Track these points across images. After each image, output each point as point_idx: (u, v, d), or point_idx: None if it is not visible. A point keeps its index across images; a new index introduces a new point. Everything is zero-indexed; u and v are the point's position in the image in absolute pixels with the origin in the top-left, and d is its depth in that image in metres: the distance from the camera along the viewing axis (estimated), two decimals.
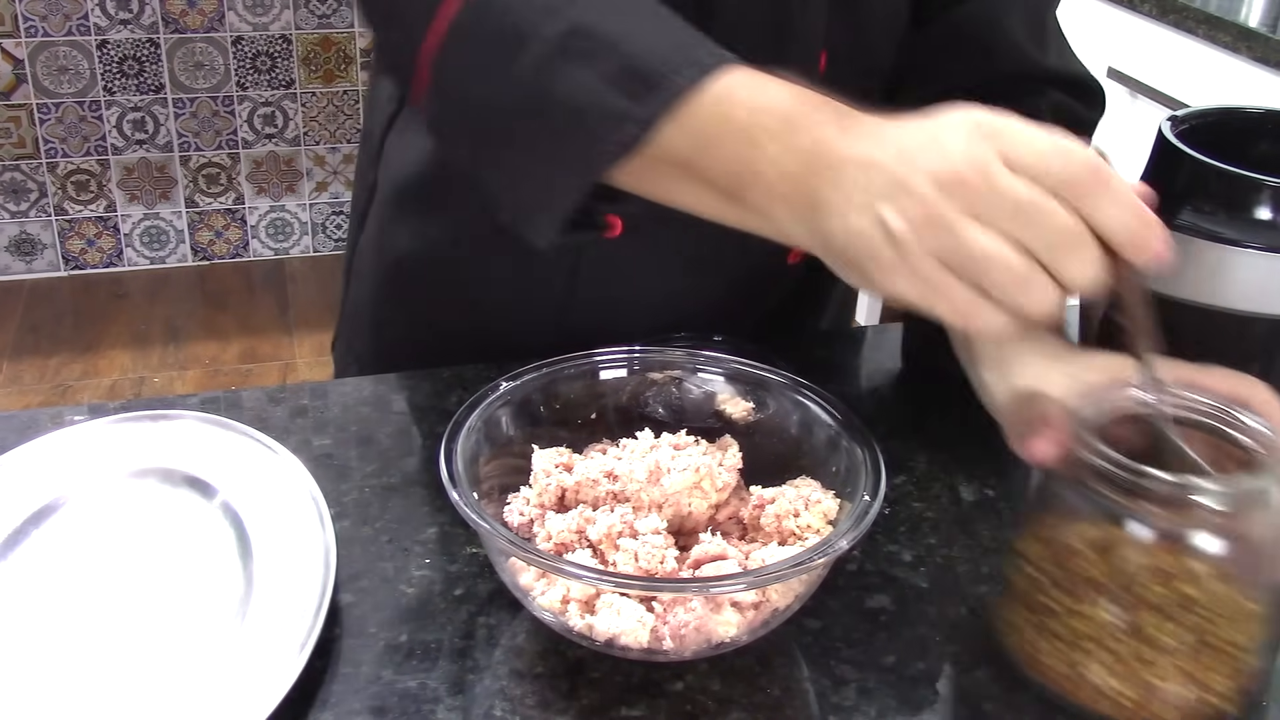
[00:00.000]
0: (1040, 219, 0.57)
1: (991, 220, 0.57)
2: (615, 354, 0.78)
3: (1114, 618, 0.62)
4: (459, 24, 0.70)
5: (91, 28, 3.12)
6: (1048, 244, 0.57)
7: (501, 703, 0.64)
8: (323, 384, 0.94)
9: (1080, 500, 0.63)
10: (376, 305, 1.05)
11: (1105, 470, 0.60)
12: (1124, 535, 0.61)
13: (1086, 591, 0.62)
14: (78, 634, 0.66)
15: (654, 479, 0.70)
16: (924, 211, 0.58)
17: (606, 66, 0.66)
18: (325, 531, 0.71)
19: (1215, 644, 0.61)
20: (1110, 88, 2.18)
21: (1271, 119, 0.83)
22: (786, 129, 0.63)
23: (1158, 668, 0.62)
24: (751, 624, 0.65)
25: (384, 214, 1.03)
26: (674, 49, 0.67)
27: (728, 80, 0.65)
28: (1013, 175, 0.57)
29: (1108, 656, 0.62)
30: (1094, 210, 0.57)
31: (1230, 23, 1.95)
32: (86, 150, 3.24)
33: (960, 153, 0.58)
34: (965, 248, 0.57)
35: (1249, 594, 0.62)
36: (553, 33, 0.67)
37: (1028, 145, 0.58)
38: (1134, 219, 0.58)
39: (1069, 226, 0.57)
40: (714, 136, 0.65)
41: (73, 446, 0.79)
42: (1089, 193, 0.57)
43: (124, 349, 3.04)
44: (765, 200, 0.64)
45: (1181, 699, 0.62)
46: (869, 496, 0.67)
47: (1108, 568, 0.62)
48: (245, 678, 0.62)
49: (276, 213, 3.44)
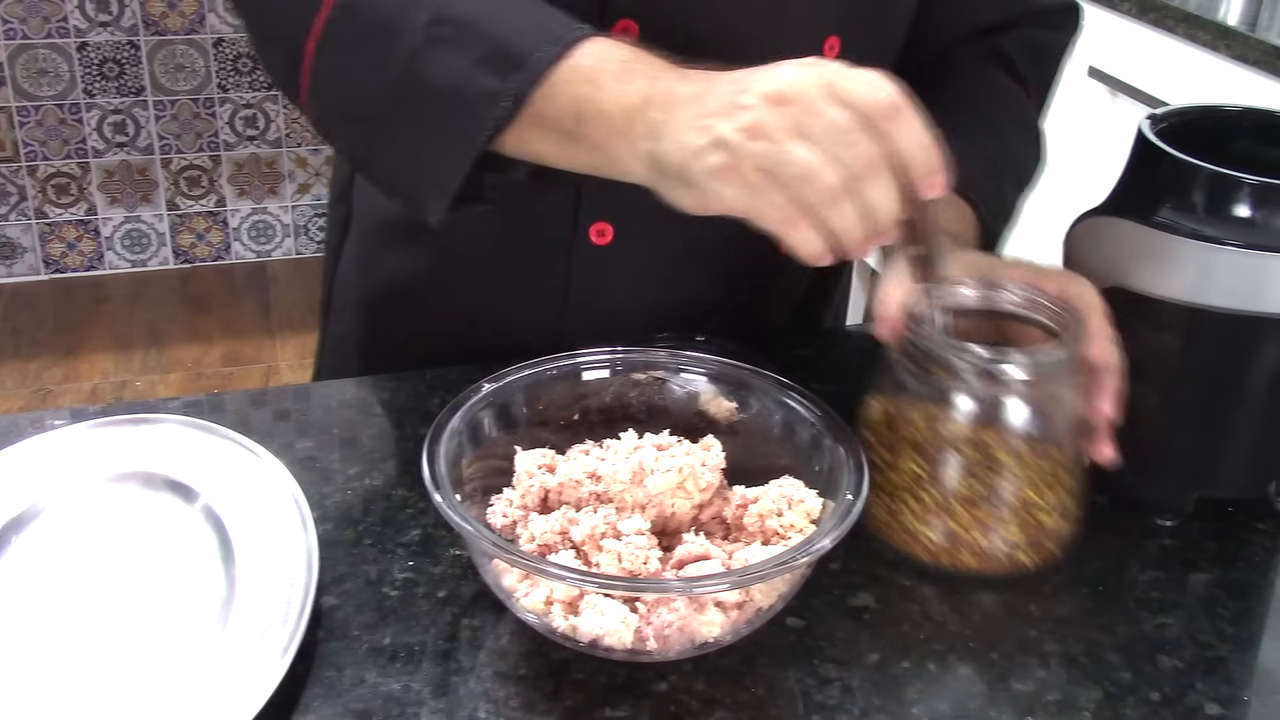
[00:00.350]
0: (850, 142, 0.63)
1: (812, 138, 0.63)
2: (598, 355, 0.78)
3: (921, 470, 0.73)
4: (330, 26, 0.76)
5: (71, 30, 3.11)
6: (853, 168, 0.63)
7: (485, 705, 0.64)
8: (305, 386, 0.94)
9: (908, 374, 0.74)
10: (363, 337, 1.05)
11: (926, 348, 0.72)
12: (941, 402, 0.72)
13: (905, 449, 0.74)
14: (60, 639, 0.66)
15: (637, 480, 0.69)
16: (752, 122, 0.64)
17: (474, 50, 0.72)
18: (307, 534, 0.71)
19: (1011, 500, 0.73)
20: (1090, 87, 2.19)
21: (1250, 117, 0.84)
22: (626, 71, 0.70)
23: (959, 516, 0.73)
24: (735, 624, 0.65)
25: (363, 245, 1.03)
26: (534, 27, 0.73)
27: (584, 48, 0.71)
28: (831, 102, 0.63)
29: (917, 505, 0.74)
30: (895, 138, 0.63)
31: (1209, 21, 1.96)
32: (67, 153, 3.22)
33: (789, 77, 0.64)
34: (787, 157, 0.63)
35: (1047, 456, 0.73)
36: (419, 22, 0.73)
37: (845, 78, 0.64)
38: (924, 148, 0.64)
39: (872, 153, 0.63)
40: (567, 93, 0.71)
41: (53, 451, 0.78)
42: (891, 122, 0.63)
43: (105, 352, 3.03)
44: (605, 136, 0.70)
45: (978, 546, 0.73)
46: (851, 495, 0.67)
47: (928, 431, 0.73)
48: (228, 682, 0.62)
49: (258, 215, 3.43)
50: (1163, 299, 0.76)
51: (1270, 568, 0.78)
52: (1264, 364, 0.76)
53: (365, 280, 1.03)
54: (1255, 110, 0.84)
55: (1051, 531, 0.75)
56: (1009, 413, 0.72)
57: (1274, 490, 0.80)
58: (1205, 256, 0.74)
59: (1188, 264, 0.74)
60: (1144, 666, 0.69)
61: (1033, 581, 0.75)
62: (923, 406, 0.74)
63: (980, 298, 0.77)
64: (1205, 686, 0.68)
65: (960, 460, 0.73)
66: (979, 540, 0.73)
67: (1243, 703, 0.67)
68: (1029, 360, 0.71)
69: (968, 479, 0.73)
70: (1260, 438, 0.78)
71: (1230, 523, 0.81)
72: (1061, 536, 0.76)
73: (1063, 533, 0.75)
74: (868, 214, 0.64)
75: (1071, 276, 0.77)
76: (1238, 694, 0.68)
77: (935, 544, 0.74)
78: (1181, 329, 0.76)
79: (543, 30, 0.72)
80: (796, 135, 0.63)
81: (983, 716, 0.65)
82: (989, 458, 0.72)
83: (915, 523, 0.74)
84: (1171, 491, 0.81)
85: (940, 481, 0.73)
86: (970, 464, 0.72)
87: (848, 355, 1.03)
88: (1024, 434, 0.72)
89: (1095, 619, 0.72)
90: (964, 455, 0.72)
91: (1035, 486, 0.73)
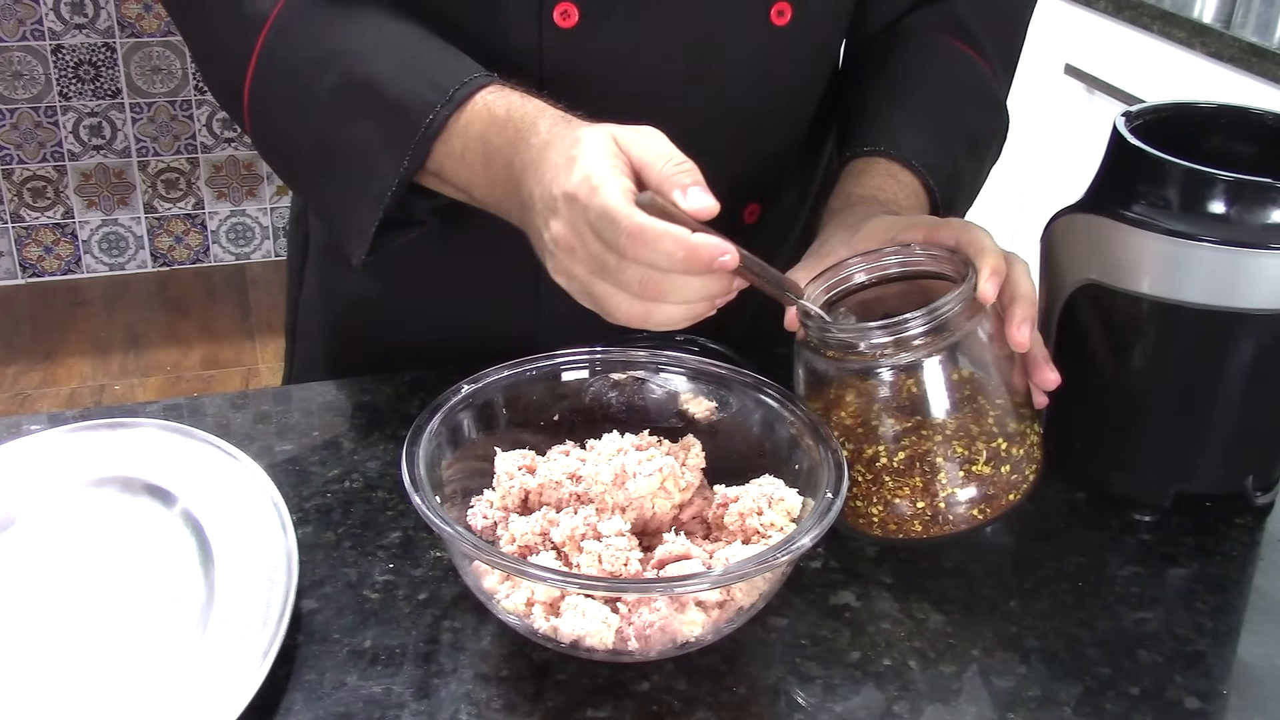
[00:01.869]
0: (625, 279, 0.66)
1: (601, 276, 0.67)
2: (577, 355, 0.78)
3: (852, 449, 0.73)
4: (257, 76, 0.82)
5: (46, 32, 3.09)
6: (643, 295, 0.67)
7: (467, 707, 0.64)
8: (284, 389, 0.94)
9: (823, 364, 0.75)
10: (332, 360, 1.04)
11: (823, 337, 0.73)
12: (856, 381, 0.74)
13: (840, 434, 0.73)
14: (39, 644, 0.65)
15: (619, 482, 0.69)
16: (563, 231, 0.68)
17: (376, 114, 0.79)
18: (287, 538, 0.71)
19: (940, 460, 0.73)
20: (1066, 84, 2.20)
21: (1225, 114, 0.84)
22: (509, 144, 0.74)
23: (894, 487, 0.73)
24: (716, 623, 0.65)
25: (323, 267, 1.02)
26: (430, 86, 0.78)
27: (474, 103, 0.77)
28: (596, 240, 0.66)
29: (858, 486, 0.74)
30: (652, 264, 0.65)
31: (1184, 19, 1.97)
32: (43, 156, 3.20)
33: (562, 219, 0.68)
34: (591, 292, 0.68)
35: (971, 408, 0.73)
36: (326, 83, 0.80)
37: (595, 220, 0.66)
38: (682, 258, 0.65)
39: (648, 278, 0.66)
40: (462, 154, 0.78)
41: (31, 457, 0.78)
42: (637, 254, 0.65)
43: (83, 356, 3.01)
44: (500, 196, 0.76)
45: (923, 513, 0.73)
46: (831, 494, 0.67)
47: (854, 411, 0.74)
48: (207, 687, 0.62)
49: (237, 217, 3.42)
50: (1138, 295, 0.76)
51: (1248, 562, 0.79)
52: (1239, 359, 0.76)
53: (328, 302, 1.03)
54: (1229, 107, 0.84)
55: (996, 481, 0.73)
56: (920, 373, 0.72)
57: (1251, 485, 0.80)
58: (1180, 252, 0.74)
59: (1163, 260, 0.75)
60: (1123, 661, 0.69)
61: (1012, 577, 0.75)
62: (843, 390, 0.75)
63: (893, 263, 0.77)
64: (1184, 681, 0.68)
65: (884, 432, 0.73)
66: (920, 507, 0.73)
67: (1221, 696, 0.67)
68: (921, 317, 0.71)
69: (892, 450, 0.73)
70: (1237, 432, 0.79)
71: (1208, 518, 0.82)
72: (1009, 483, 0.74)
73: (1010, 480, 0.74)
74: (691, 305, 0.68)
75: (965, 224, 0.78)
76: (1216, 688, 0.68)
77: (883, 519, 0.74)
78: (1157, 325, 0.77)
79: (436, 88, 0.78)
80: (590, 272, 0.68)
81: (964, 713, 0.65)
82: (911, 424, 0.73)
83: (858, 502, 0.75)
84: (1149, 487, 0.81)
85: (865, 458, 0.74)
86: (895, 434, 0.73)
87: None
88: (940, 390, 0.73)
89: (1075, 614, 0.73)
90: (887, 427, 0.73)
91: (965, 441, 0.73)
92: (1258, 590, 0.77)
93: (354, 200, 0.81)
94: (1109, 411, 0.76)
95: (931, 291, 0.75)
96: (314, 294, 1.04)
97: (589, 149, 0.68)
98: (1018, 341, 0.74)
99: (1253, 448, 0.80)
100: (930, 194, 0.90)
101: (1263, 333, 0.75)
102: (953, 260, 0.75)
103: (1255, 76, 1.84)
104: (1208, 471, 0.81)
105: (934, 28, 0.98)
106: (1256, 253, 0.73)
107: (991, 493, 0.73)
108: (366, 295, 0.98)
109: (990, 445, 0.73)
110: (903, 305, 0.73)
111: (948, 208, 0.91)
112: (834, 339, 0.73)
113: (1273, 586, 0.77)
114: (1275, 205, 0.73)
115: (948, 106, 0.95)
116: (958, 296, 0.71)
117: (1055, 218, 0.82)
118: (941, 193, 0.90)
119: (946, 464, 0.73)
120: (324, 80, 0.80)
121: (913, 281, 0.78)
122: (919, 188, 0.89)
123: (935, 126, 0.92)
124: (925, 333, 0.71)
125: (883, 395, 0.73)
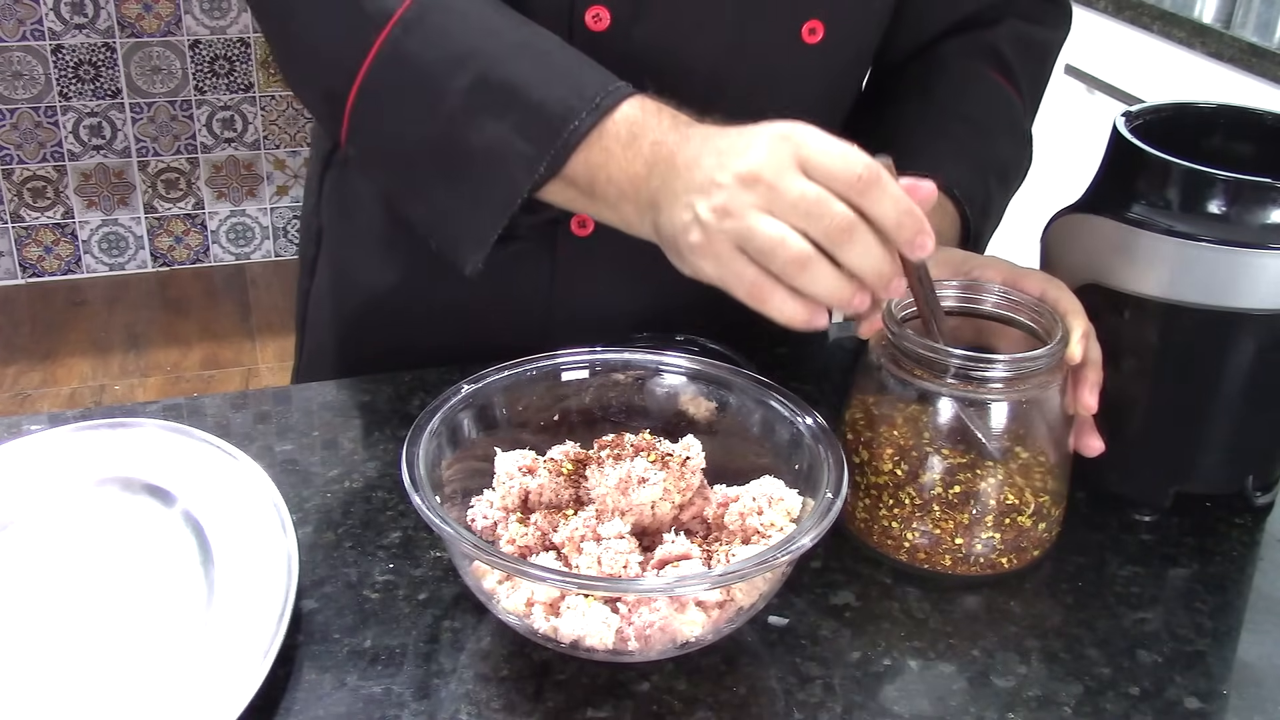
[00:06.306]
0: (821, 212, 0.65)
1: (780, 213, 0.66)
2: (577, 355, 0.78)
3: (901, 472, 0.73)
4: (372, 76, 0.79)
5: (46, 32, 3.09)
6: (827, 234, 0.66)
7: (467, 707, 0.64)
8: (285, 389, 0.94)
9: (890, 375, 0.74)
10: (341, 351, 1.04)
11: (907, 349, 0.72)
12: (922, 404, 0.73)
13: (885, 450, 0.74)
14: (41, 643, 0.65)
15: (622, 488, 0.69)
16: (724, 202, 0.67)
17: (514, 116, 0.76)
18: (287, 537, 0.71)
19: (991, 503, 0.73)
20: (1067, 84, 2.20)
21: (1225, 114, 0.84)
22: (631, 138, 0.74)
23: (938, 519, 0.73)
24: (716, 623, 0.65)
25: (338, 258, 1.02)
26: (572, 92, 0.76)
27: (618, 111, 0.75)
28: (801, 176, 0.66)
29: (896, 507, 0.74)
30: (870, 206, 0.66)
31: (1184, 19, 1.98)
32: (43, 156, 3.20)
33: (760, 156, 0.67)
34: (754, 233, 0.67)
35: (1028, 460, 0.73)
36: (461, 84, 0.77)
37: (818, 152, 0.66)
38: (903, 214, 0.66)
39: (846, 218, 0.66)
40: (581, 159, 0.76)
41: (32, 457, 0.78)
42: (865, 191, 0.65)
43: (83, 357, 3.01)
44: (616, 198, 0.76)
45: (957, 549, 0.73)
46: (831, 493, 0.67)
47: (909, 433, 0.73)
48: (208, 686, 0.62)
49: (237, 217, 3.42)
50: (1139, 295, 0.76)
51: (1248, 562, 0.79)
52: (1240, 359, 0.76)
53: (339, 295, 1.03)
54: (1230, 107, 0.84)
55: (1031, 535, 0.74)
56: (990, 416, 0.72)
57: (1251, 485, 0.80)
58: (1181, 252, 0.74)
59: (1163, 260, 0.75)
60: (1123, 661, 0.69)
61: (1013, 579, 0.75)
62: (904, 408, 0.73)
63: (960, 298, 0.77)
64: (1184, 681, 0.68)
65: (940, 463, 0.72)
66: (957, 543, 0.73)
67: (1221, 696, 0.67)
68: (1010, 363, 0.71)
69: (948, 482, 0.72)
70: (1237, 432, 0.79)
71: (1208, 518, 0.82)
72: (1040, 539, 0.75)
73: (1041, 536, 0.75)
74: (855, 272, 0.67)
75: (1049, 278, 0.78)
76: (1216, 688, 0.68)
77: (914, 546, 0.74)
78: (1158, 325, 0.77)
79: (580, 95, 0.76)
80: (765, 212, 0.66)
81: (964, 713, 0.65)
82: (969, 460, 0.72)
83: (894, 524, 0.74)
84: (1150, 487, 0.81)
85: (920, 484, 0.73)
86: (951, 467, 0.72)
87: (827, 354, 1.03)
88: (1005, 437, 0.72)
89: (1075, 615, 0.73)
90: (944, 458, 0.72)
91: (1016, 490, 0.73)
92: (1258, 590, 0.77)
93: (476, 206, 0.79)
94: (1109, 411, 0.76)
95: (990, 333, 0.77)
96: (325, 286, 1.04)
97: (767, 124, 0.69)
98: (1086, 405, 0.75)
99: (1252, 448, 0.80)
100: (965, 224, 0.90)
101: (1263, 333, 0.75)
102: (1031, 310, 0.75)
103: (1255, 76, 1.84)
104: (1208, 471, 0.81)
105: (972, 56, 0.99)
106: (1256, 253, 0.73)
107: (1024, 545, 0.74)
108: (379, 289, 0.99)
109: (1037, 500, 0.74)
110: (954, 337, 0.73)
111: (976, 238, 0.92)
112: (922, 355, 0.72)
113: (1273, 586, 0.77)
114: (1275, 205, 0.73)
115: (986, 138, 0.96)
116: (1049, 352, 0.72)
117: (1055, 218, 0.82)
118: (975, 223, 0.91)
119: (996, 508, 0.73)
120: (457, 81, 0.77)
121: (972, 320, 0.78)
122: (956, 217, 0.90)
123: (974, 157, 0.93)
124: (1007, 378, 0.71)
125: (949, 425, 0.72)
